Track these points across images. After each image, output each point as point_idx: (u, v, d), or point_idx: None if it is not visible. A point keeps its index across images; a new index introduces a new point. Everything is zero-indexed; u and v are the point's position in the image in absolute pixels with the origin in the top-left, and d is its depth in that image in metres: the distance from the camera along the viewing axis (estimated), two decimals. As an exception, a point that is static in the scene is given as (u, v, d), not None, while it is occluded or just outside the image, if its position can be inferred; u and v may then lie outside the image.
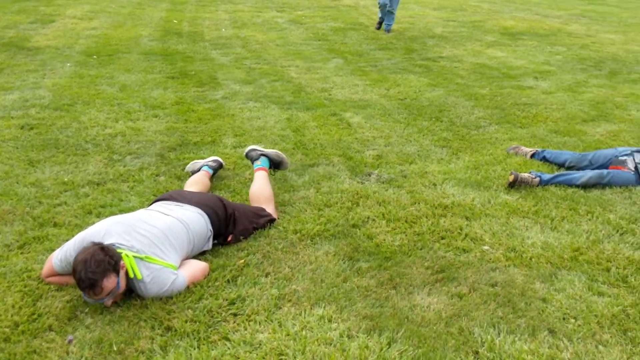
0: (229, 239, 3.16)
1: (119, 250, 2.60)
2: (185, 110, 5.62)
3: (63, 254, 2.72)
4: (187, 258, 2.93)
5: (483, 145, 5.00)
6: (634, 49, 9.99)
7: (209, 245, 3.10)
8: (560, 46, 10.04)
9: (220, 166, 4.06)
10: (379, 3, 10.15)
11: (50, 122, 5.13)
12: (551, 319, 2.69)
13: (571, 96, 6.76)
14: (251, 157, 4.03)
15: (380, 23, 10.53)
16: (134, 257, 2.61)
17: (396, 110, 5.97)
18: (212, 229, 3.07)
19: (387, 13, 10.14)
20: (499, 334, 2.57)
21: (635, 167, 4.17)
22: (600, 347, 2.52)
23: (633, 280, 3.02)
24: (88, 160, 4.35)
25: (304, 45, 9.35)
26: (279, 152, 4.14)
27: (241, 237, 3.21)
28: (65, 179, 3.99)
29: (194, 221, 2.98)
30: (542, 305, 2.78)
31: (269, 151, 4.09)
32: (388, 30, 10.36)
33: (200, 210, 3.06)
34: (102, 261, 2.46)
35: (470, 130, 5.41)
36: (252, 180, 3.92)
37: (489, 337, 2.54)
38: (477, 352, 2.46)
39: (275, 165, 4.11)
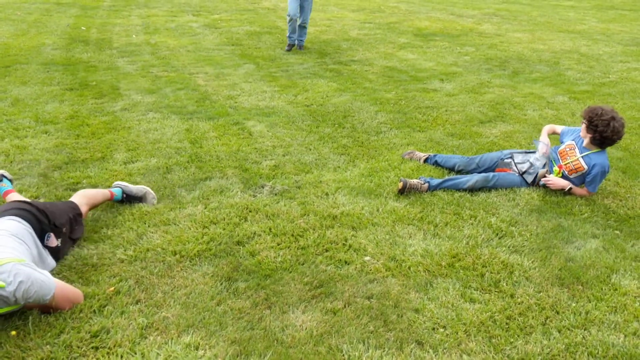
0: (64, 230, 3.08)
1: None
2: (79, 125, 5.40)
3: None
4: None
5: (380, 151, 5.04)
6: (538, 48, 10.39)
7: (50, 260, 2.96)
8: (470, 46, 10.32)
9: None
10: (288, 16, 9.05)
11: None
12: (420, 330, 2.72)
13: (473, 97, 6.94)
14: None
15: (290, 45, 9.36)
16: None
17: (300, 118, 5.95)
18: (31, 225, 2.90)
19: (299, 28, 9.24)
20: (367, 349, 2.57)
21: (517, 168, 4.31)
22: (464, 356, 2.56)
23: (504, 284, 3.10)
24: (-37, 184, 4.09)
25: (216, 51, 9.21)
26: (145, 188, 3.93)
27: (64, 229, 3.10)
28: None
29: (9, 225, 2.81)
30: (413, 316, 2.81)
31: (132, 187, 3.89)
32: (301, 47, 9.46)
33: (10, 216, 2.89)
34: None
35: (370, 136, 5.45)
36: (139, 199, 3.82)
37: (356, 353, 2.53)
38: (342, 371, 2.44)
39: (138, 199, 3.89)
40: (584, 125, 4.17)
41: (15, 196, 3.56)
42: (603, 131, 4.01)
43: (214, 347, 2.55)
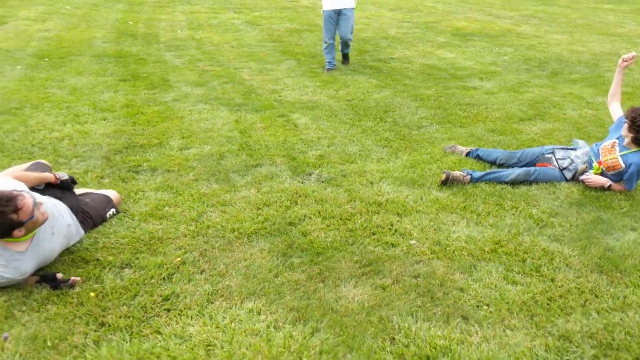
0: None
1: None
2: (135, 113, 5.70)
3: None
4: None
5: (422, 144, 5.22)
6: (577, 50, 10.40)
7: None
8: (508, 47, 10.38)
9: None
10: (324, 43, 7.87)
11: (-4, 126, 5.16)
12: (466, 306, 2.90)
13: (512, 96, 7.05)
14: None
15: (330, 70, 7.95)
16: None
17: (343, 111, 6.15)
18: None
19: (341, 44, 8.12)
20: (416, 321, 2.76)
21: (557, 163, 4.44)
22: (507, 331, 2.73)
23: (545, 269, 3.25)
24: (33, 164, 4.40)
25: (259, 47, 9.48)
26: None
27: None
28: (9, 183, 4.04)
29: None
30: (459, 295, 2.99)
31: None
32: (346, 56, 8.34)
33: None
34: None
35: (411, 130, 5.63)
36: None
37: (406, 324, 2.73)
38: (393, 339, 2.64)
39: None
40: (626, 125, 4.27)
41: None
42: None
43: (275, 313, 2.77)
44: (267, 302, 2.86)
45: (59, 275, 2.89)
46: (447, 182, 4.29)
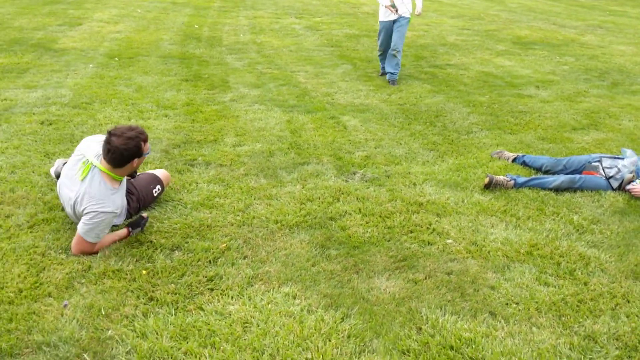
0: None
1: None
2: (194, 111, 6.02)
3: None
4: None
5: (470, 149, 5.28)
6: (643, 61, 10.11)
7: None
8: (570, 56, 10.21)
9: None
10: (379, 49, 7.93)
11: (68, 119, 5.57)
12: (494, 303, 2.98)
13: (568, 105, 6.98)
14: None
15: (384, 69, 8.02)
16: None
17: (393, 115, 6.28)
18: None
19: (389, 57, 7.63)
20: (444, 314, 2.87)
21: (604, 172, 4.42)
22: (533, 328, 2.80)
23: (579, 273, 3.28)
24: (99, 154, 4.75)
25: (317, 51, 9.72)
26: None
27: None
28: (76, 170, 4.39)
29: None
30: (489, 292, 3.07)
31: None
32: (394, 81, 7.69)
33: None
34: None
35: (460, 135, 5.69)
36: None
37: (434, 316, 2.84)
38: (420, 328, 2.76)
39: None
40: None
41: None
42: None
43: (309, 298, 2.94)
44: (303, 288, 3.03)
45: (144, 214, 3.52)
46: (490, 186, 4.35)
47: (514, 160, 4.96)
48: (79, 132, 5.24)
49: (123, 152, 3.20)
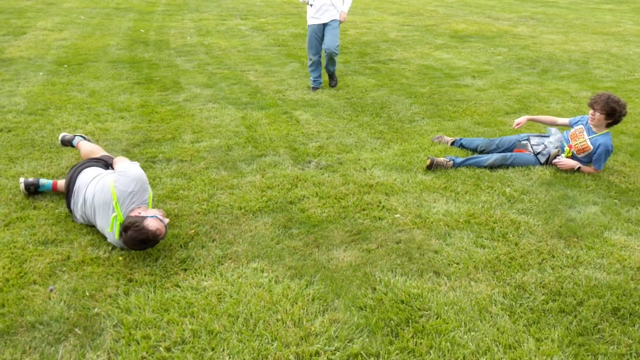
0: None
1: None
2: (149, 112, 6.24)
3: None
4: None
5: (413, 136, 5.71)
6: (570, 49, 10.85)
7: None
8: (503, 47, 10.85)
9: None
10: (309, 60, 7.35)
11: (26, 125, 5.70)
12: (438, 264, 3.38)
13: (501, 92, 7.53)
14: (67, 140, 4.69)
15: (315, 88, 7.44)
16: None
17: (342, 108, 6.66)
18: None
19: (327, 59, 7.31)
20: (394, 275, 3.25)
21: (532, 149, 4.92)
22: (472, 282, 3.21)
23: (511, 236, 3.73)
24: (61, 156, 4.94)
25: (264, 51, 10.02)
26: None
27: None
28: (41, 172, 4.58)
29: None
30: (433, 255, 3.48)
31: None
32: (333, 77, 7.63)
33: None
34: None
35: (404, 124, 6.12)
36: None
37: (386, 278, 3.22)
38: (374, 288, 3.13)
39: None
40: (599, 115, 4.69)
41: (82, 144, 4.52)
42: (621, 117, 4.63)
43: (276, 271, 3.28)
44: (269, 263, 3.36)
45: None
46: (432, 167, 4.78)
47: (452, 143, 5.41)
48: (39, 137, 5.39)
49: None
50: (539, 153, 4.93)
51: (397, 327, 2.83)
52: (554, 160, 4.86)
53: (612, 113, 4.64)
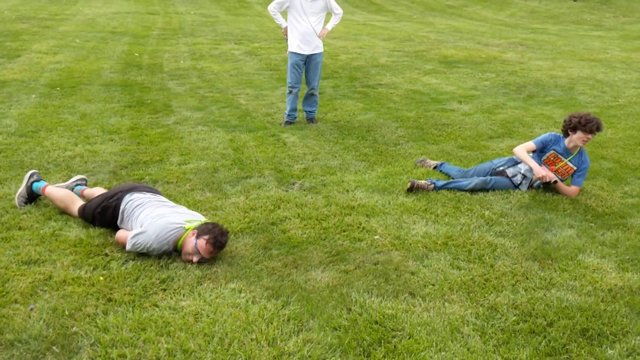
0: None
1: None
2: (139, 135, 6.33)
3: (143, 243, 3.60)
4: None
5: (397, 159, 5.81)
6: (556, 74, 11.05)
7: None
8: (491, 73, 11.05)
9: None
10: (288, 88, 6.91)
11: (16, 147, 5.78)
12: (414, 285, 3.45)
13: (486, 117, 7.67)
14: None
15: (288, 123, 7.00)
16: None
17: (329, 131, 6.77)
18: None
19: (307, 97, 7.05)
20: (370, 296, 3.32)
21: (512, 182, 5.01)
22: (446, 303, 3.28)
23: (487, 258, 3.81)
24: (49, 178, 5.00)
25: (256, 75, 10.18)
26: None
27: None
28: (29, 193, 4.64)
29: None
30: (409, 277, 3.54)
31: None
32: (312, 119, 7.14)
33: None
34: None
35: (389, 146, 6.23)
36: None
37: (362, 299, 3.28)
38: (350, 309, 3.19)
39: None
40: (575, 134, 4.80)
41: (89, 192, 4.46)
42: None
43: (253, 292, 3.34)
44: (247, 284, 3.42)
45: None
46: (413, 189, 4.86)
47: (435, 167, 5.51)
48: (28, 159, 5.46)
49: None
50: (519, 184, 5.00)
51: (369, 347, 2.88)
52: (536, 184, 4.97)
53: (579, 124, 4.79)
